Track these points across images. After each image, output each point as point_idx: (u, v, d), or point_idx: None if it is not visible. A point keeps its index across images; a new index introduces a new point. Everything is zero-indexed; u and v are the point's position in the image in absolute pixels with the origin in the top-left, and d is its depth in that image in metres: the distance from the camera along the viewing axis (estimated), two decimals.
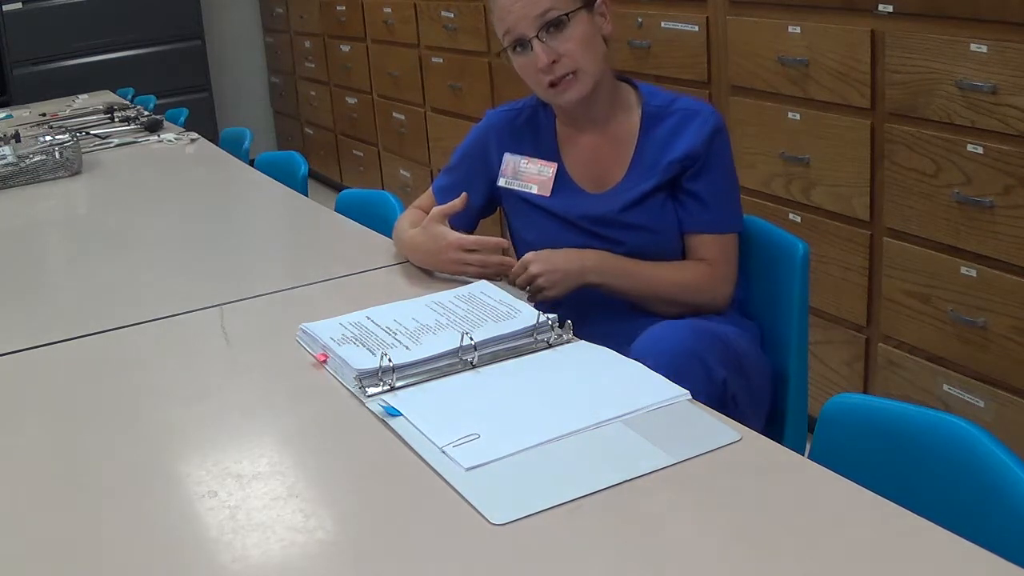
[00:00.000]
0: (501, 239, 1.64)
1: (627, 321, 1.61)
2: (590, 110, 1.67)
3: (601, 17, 1.63)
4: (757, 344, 1.64)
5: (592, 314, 1.57)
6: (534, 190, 1.71)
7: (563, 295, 1.58)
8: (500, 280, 1.61)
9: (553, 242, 1.67)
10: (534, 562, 0.92)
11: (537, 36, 1.58)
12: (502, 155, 1.75)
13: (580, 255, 1.62)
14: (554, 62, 1.58)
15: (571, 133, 1.71)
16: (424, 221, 1.69)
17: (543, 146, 1.72)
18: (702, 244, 1.65)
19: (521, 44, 1.60)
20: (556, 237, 1.68)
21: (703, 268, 1.64)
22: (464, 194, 1.69)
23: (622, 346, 1.38)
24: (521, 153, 1.73)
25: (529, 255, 1.60)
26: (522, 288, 1.59)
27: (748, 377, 1.52)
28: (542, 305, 1.53)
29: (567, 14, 1.58)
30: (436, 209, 1.69)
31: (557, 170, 1.70)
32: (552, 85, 1.61)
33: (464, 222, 1.78)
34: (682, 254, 1.67)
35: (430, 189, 1.84)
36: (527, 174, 1.72)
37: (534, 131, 1.74)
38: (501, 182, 1.74)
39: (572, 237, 1.67)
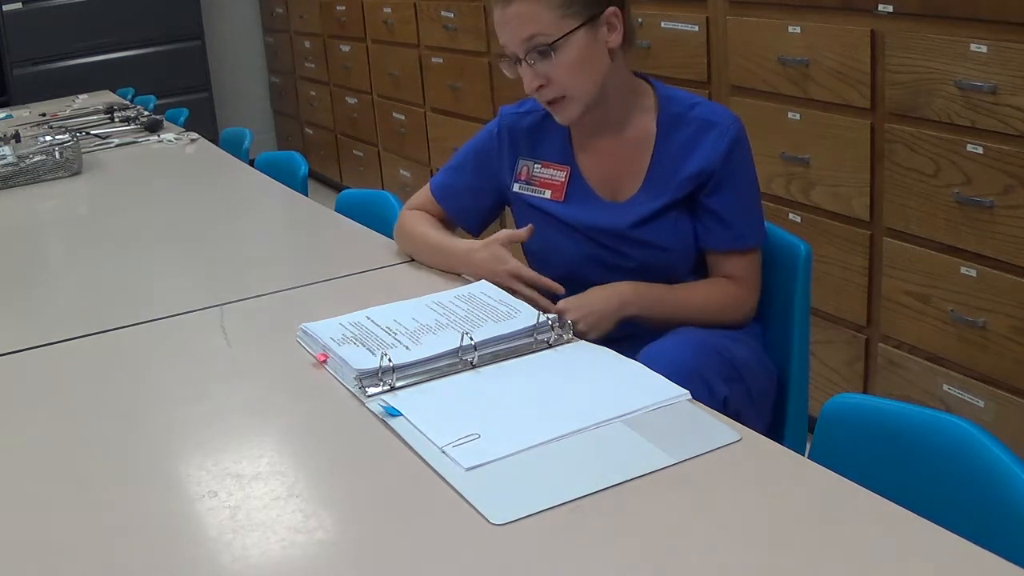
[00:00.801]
0: (557, 285, 1.57)
1: (630, 330, 1.60)
2: (604, 116, 1.62)
3: (608, 28, 1.54)
4: (760, 347, 1.62)
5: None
6: (547, 195, 1.67)
7: (604, 334, 1.51)
8: None
9: (561, 249, 1.65)
10: (534, 562, 0.92)
11: (525, 59, 1.53)
12: (512, 158, 1.72)
13: (614, 291, 1.56)
14: (541, 86, 1.54)
15: (586, 137, 1.67)
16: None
17: (557, 148, 1.69)
18: (726, 262, 1.61)
19: (514, 60, 1.56)
20: (563, 247, 1.65)
21: (730, 286, 1.61)
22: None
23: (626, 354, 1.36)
24: (535, 155, 1.70)
25: (561, 304, 1.51)
26: None
27: (750, 388, 1.51)
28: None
29: (554, 42, 1.50)
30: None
31: (572, 175, 1.66)
32: (546, 102, 1.59)
33: (471, 223, 1.77)
34: (691, 270, 1.64)
35: (427, 188, 1.81)
36: (540, 179, 1.68)
37: (549, 133, 1.69)
38: (515, 187, 1.71)
39: (579, 247, 1.64)
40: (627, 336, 1.52)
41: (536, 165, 1.69)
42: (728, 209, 1.58)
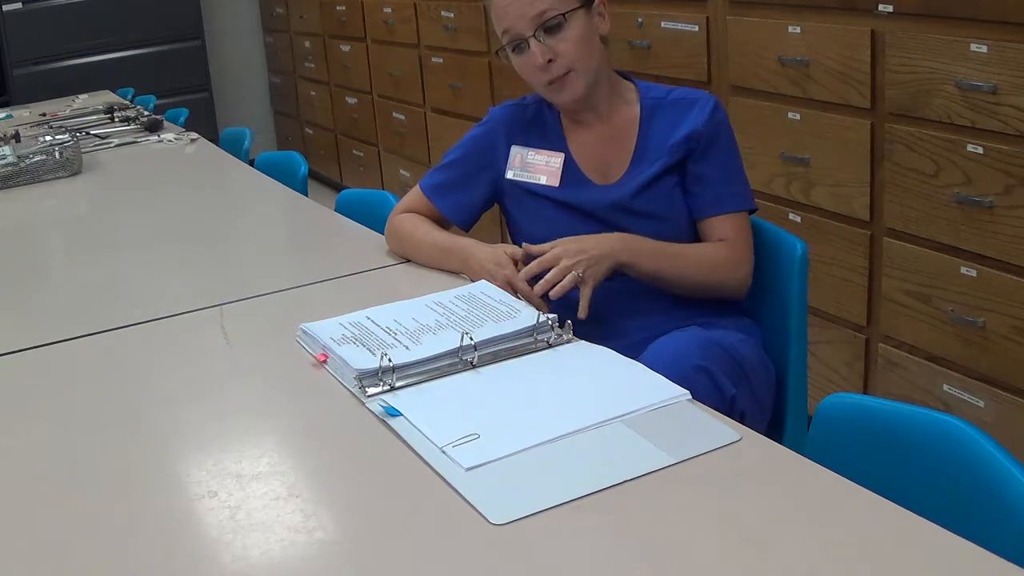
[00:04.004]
0: (544, 306, 1.54)
1: (633, 322, 1.61)
2: (590, 105, 1.69)
3: (599, 17, 1.65)
4: (760, 346, 1.63)
5: (600, 317, 1.57)
6: (543, 181, 1.71)
7: (600, 279, 1.52)
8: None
9: (561, 233, 1.65)
10: (534, 562, 0.92)
11: (534, 35, 1.60)
12: (506, 145, 1.75)
13: (604, 237, 1.58)
14: (550, 61, 1.60)
15: (575, 126, 1.73)
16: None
17: (550, 138, 1.73)
18: (716, 226, 1.65)
19: (518, 43, 1.62)
20: (564, 228, 1.67)
21: (723, 247, 1.64)
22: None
23: (628, 349, 1.37)
24: (528, 146, 1.74)
25: (549, 249, 1.53)
26: (553, 284, 1.49)
27: (754, 388, 1.52)
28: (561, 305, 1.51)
29: (564, 14, 1.60)
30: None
31: (565, 161, 1.70)
32: (549, 84, 1.63)
33: (464, 217, 1.78)
34: (689, 242, 1.67)
35: (416, 190, 1.81)
36: (535, 165, 1.72)
37: (541, 124, 1.75)
38: (509, 174, 1.74)
39: (580, 227, 1.66)
40: (629, 337, 1.53)
41: (529, 152, 1.73)
42: (715, 173, 1.65)
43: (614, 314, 1.61)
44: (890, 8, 2.19)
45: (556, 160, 1.71)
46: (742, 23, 2.58)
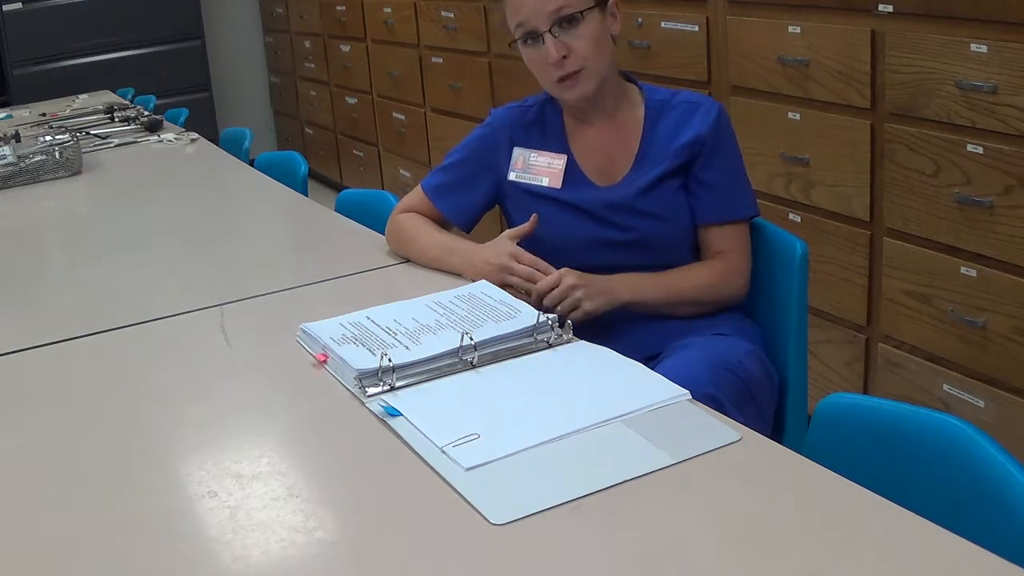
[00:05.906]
0: (552, 269, 1.60)
1: (633, 322, 1.61)
2: (597, 105, 1.69)
3: (612, 17, 1.66)
4: (763, 352, 1.63)
5: (611, 324, 1.57)
6: (545, 182, 1.71)
7: (598, 311, 1.56)
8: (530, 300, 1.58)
9: (563, 234, 1.68)
10: (534, 562, 0.92)
11: (550, 31, 1.60)
12: (508, 147, 1.75)
13: (608, 277, 1.61)
14: (564, 57, 1.60)
15: (579, 126, 1.73)
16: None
17: (553, 140, 1.73)
18: (717, 236, 1.66)
19: (532, 37, 1.62)
20: (566, 228, 1.68)
21: (719, 264, 1.66)
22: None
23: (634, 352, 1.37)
24: (530, 147, 1.74)
25: (563, 269, 1.58)
26: (552, 306, 1.53)
27: (759, 406, 1.52)
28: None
29: (581, 12, 1.60)
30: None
31: (568, 163, 1.70)
32: (560, 80, 1.63)
33: (465, 218, 1.78)
34: (691, 245, 1.68)
35: (418, 190, 1.82)
36: (537, 167, 1.72)
37: (543, 126, 1.75)
38: (512, 176, 1.74)
39: (583, 226, 1.67)
40: (629, 338, 1.53)
41: (532, 154, 1.73)
42: (719, 180, 1.66)
43: (614, 315, 1.61)
44: (890, 8, 2.19)
45: (559, 162, 1.71)
46: (742, 23, 2.58)
